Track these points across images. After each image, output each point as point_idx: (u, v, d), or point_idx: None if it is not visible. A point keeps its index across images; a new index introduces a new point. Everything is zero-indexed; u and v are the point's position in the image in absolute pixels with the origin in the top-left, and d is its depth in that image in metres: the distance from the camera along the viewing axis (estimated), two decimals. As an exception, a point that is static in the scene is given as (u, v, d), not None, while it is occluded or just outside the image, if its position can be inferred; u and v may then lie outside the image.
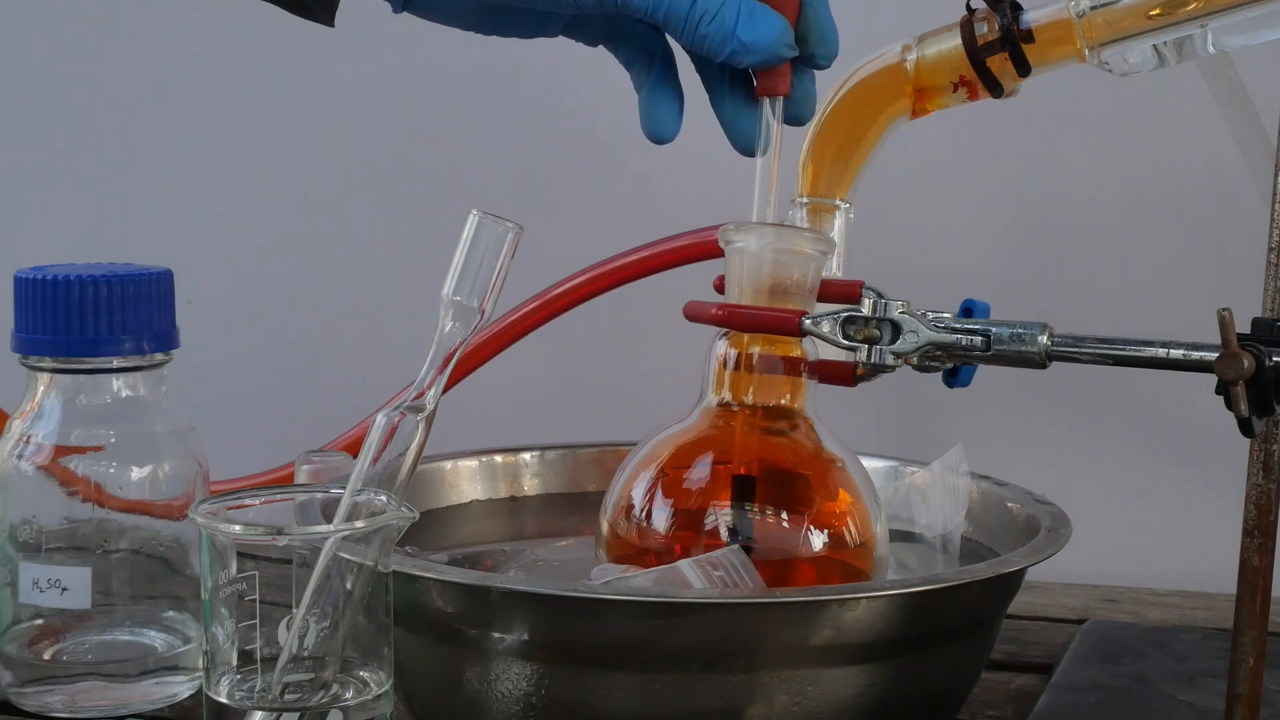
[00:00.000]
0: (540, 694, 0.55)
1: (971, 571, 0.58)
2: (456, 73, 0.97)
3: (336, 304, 1.00)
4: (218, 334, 0.97)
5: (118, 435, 0.67)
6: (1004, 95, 0.69)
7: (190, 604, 0.69)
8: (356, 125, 0.99)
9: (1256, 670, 0.55)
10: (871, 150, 0.71)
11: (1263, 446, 0.54)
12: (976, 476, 0.69)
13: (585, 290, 0.82)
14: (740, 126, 0.63)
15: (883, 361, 0.59)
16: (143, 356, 0.67)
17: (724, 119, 0.63)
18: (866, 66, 0.70)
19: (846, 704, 0.55)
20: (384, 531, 0.52)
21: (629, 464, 0.63)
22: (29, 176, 1.03)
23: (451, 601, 0.55)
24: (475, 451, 0.74)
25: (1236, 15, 0.63)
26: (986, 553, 0.67)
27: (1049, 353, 0.57)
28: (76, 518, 0.67)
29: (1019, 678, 0.71)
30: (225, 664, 0.52)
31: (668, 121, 0.63)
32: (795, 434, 0.63)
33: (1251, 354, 0.52)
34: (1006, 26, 0.67)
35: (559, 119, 0.96)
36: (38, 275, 0.66)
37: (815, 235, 0.64)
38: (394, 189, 0.99)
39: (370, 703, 0.52)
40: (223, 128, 1.01)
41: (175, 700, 0.67)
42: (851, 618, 0.54)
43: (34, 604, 0.66)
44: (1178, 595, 0.85)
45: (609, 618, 0.54)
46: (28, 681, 0.67)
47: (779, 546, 0.61)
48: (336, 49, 0.99)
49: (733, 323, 0.62)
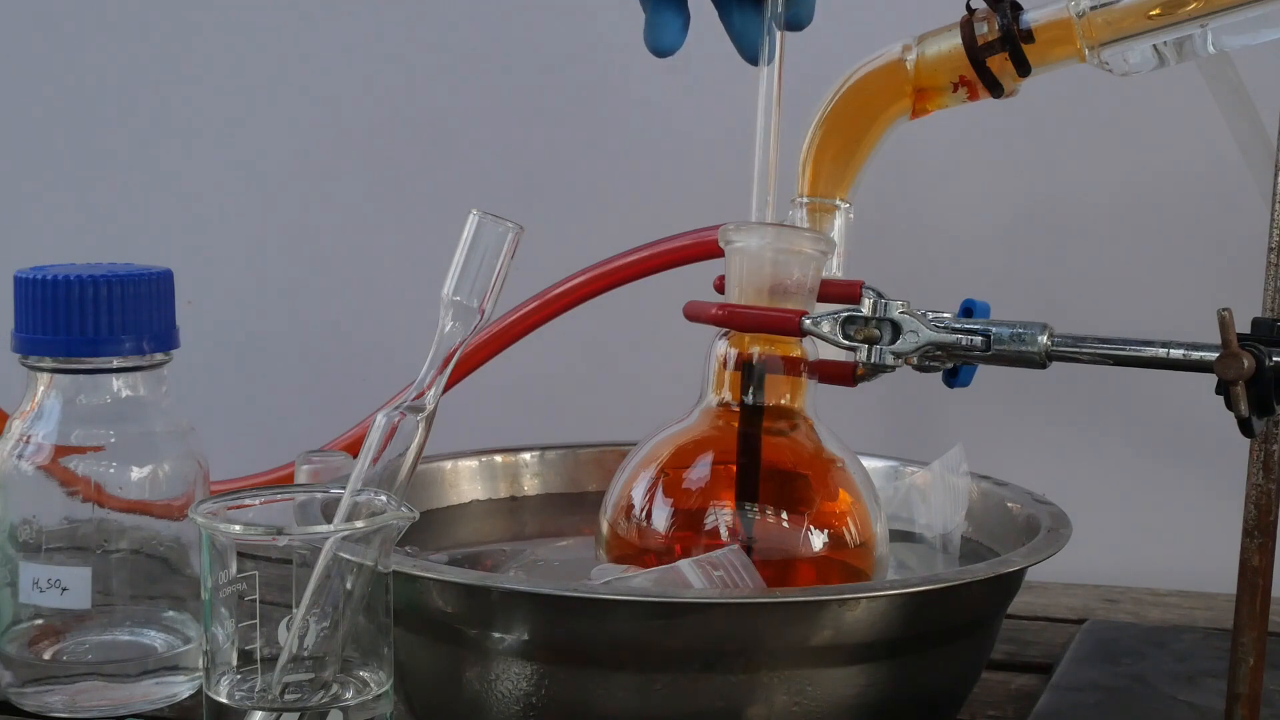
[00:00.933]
0: (540, 694, 0.55)
1: (971, 571, 0.58)
2: (457, 73, 0.97)
3: (336, 304, 1.00)
4: (218, 334, 0.97)
5: (118, 435, 0.67)
6: (1004, 95, 0.69)
7: (190, 604, 0.69)
8: (356, 125, 0.99)
9: (1256, 670, 0.55)
10: (871, 150, 0.71)
11: (1263, 446, 0.54)
12: (976, 476, 0.69)
13: (585, 290, 0.82)
14: (749, 37, 0.64)
15: (883, 361, 0.59)
16: (143, 356, 0.67)
17: (733, 31, 0.64)
18: (866, 66, 0.70)
19: (846, 704, 0.55)
20: (384, 531, 0.52)
21: (629, 464, 0.63)
22: (29, 176, 1.03)
23: (451, 601, 0.55)
24: (475, 451, 0.74)
25: (1236, 15, 0.63)
26: (986, 553, 0.67)
27: (1049, 353, 0.57)
28: (76, 518, 0.67)
29: (1019, 678, 0.71)
30: (225, 664, 0.52)
31: (671, 34, 0.64)
32: (795, 434, 0.63)
33: (1251, 354, 0.52)
34: (1006, 26, 0.67)
35: (559, 119, 0.96)
36: (38, 275, 0.66)
37: (815, 235, 0.64)
38: (394, 189, 0.99)
39: (370, 703, 0.52)
40: (223, 127, 1.01)
41: (175, 700, 0.67)
42: (851, 618, 0.54)
43: (34, 604, 0.66)
44: (1178, 595, 0.85)
45: (609, 618, 0.54)
46: (28, 681, 0.67)
47: (779, 546, 0.61)
48: (337, 49, 0.99)
49: (733, 323, 0.62)
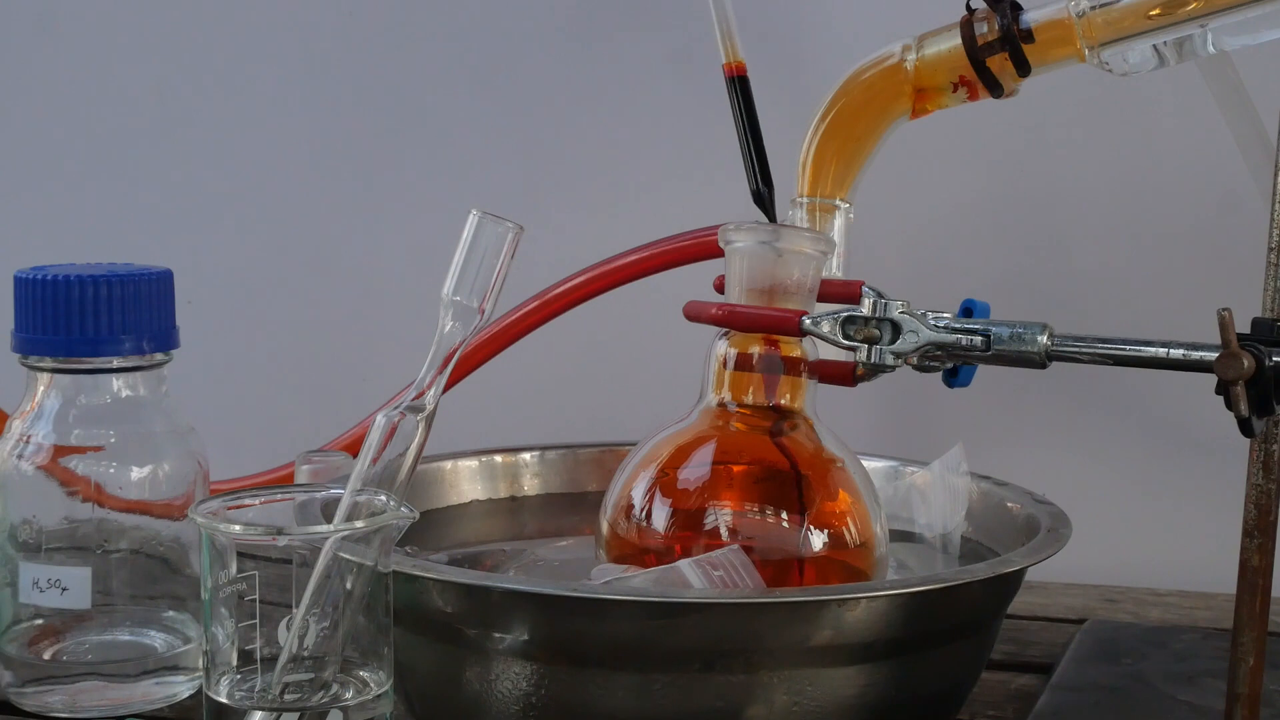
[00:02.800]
0: (540, 694, 0.55)
1: (971, 571, 0.58)
2: (457, 72, 0.97)
3: (337, 304, 1.00)
4: (218, 334, 0.97)
5: (118, 435, 0.67)
6: (1004, 95, 0.69)
7: (190, 604, 0.69)
8: (356, 125, 0.99)
9: (1256, 670, 0.55)
10: (871, 150, 0.71)
11: (1263, 446, 0.54)
12: (976, 476, 0.69)
13: (585, 290, 0.82)
14: None
15: (882, 361, 0.59)
16: (143, 356, 0.67)
17: None
18: (866, 66, 0.70)
19: (846, 704, 0.55)
20: (384, 531, 0.52)
21: (629, 464, 0.63)
22: (29, 176, 1.03)
23: (451, 601, 0.55)
24: (475, 451, 0.74)
25: (1236, 15, 0.63)
26: (986, 553, 0.67)
27: (1049, 353, 0.57)
28: (76, 518, 0.67)
29: (1019, 678, 0.71)
30: (225, 664, 0.52)
31: None
32: (795, 434, 0.63)
33: (1251, 354, 0.52)
34: (1006, 26, 0.67)
35: (559, 119, 0.96)
36: (38, 275, 0.66)
37: (815, 235, 0.64)
38: (394, 189, 0.99)
39: (370, 703, 0.52)
40: (223, 127, 1.01)
41: (175, 700, 0.67)
42: (851, 618, 0.54)
43: (34, 604, 0.66)
44: (1178, 595, 0.85)
45: (609, 618, 0.54)
46: (28, 681, 0.67)
47: (779, 546, 0.61)
48: (337, 49, 0.99)
49: (732, 323, 0.62)
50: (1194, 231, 0.89)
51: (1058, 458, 0.90)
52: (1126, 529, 0.90)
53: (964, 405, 0.80)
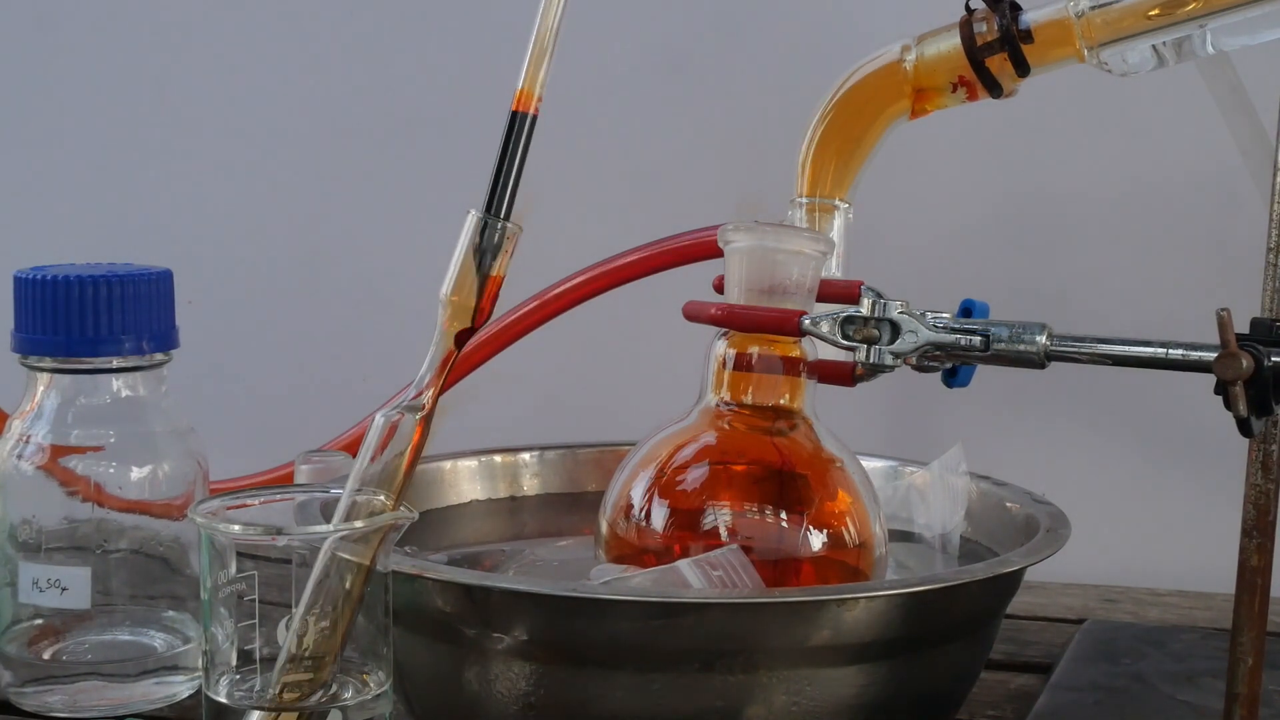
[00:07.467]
0: (539, 694, 0.55)
1: (971, 571, 0.58)
2: (456, 72, 0.97)
3: (337, 304, 1.00)
4: (218, 334, 0.97)
5: (117, 435, 0.67)
6: (1003, 95, 0.69)
7: (190, 604, 0.69)
8: (356, 125, 0.99)
9: (1255, 670, 0.55)
10: (871, 150, 0.71)
11: (1262, 446, 0.54)
12: (976, 476, 0.69)
13: (585, 290, 0.82)
14: None
15: (882, 361, 0.59)
16: (143, 356, 0.67)
17: None
18: (866, 67, 0.70)
19: (845, 704, 0.55)
20: (383, 531, 0.52)
21: (628, 464, 0.63)
22: (29, 176, 1.03)
23: (451, 601, 0.55)
24: (475, 451, 0.74)
25: (1236, 15, 0.63)
26: (986, 553, 0.67)
27: (1048, 353, 0.57)
28: (76, 518, 0.67)
29: (1018, 678, 0.71)
30: (225, 664, 0.52)
31: None
32: (795, 434, 0.63)
33: (1250, 354, 0.52)
34: (1006, 26, 0.67)
35: (558, 119, 0.96)
36: (38, 275, 0.66)
37: (815, 235, 0.64)
38: (394, 189, 0.99)
39: (370, 703, 0.52)
40: (223, 127, 1.01)
41: (175, 700, 0.67)
42: (850, 618, 0.54)
43: (34, 604, 0.66)
44: (1177, 595, 0.85)
45: (608, 618, 0.54)
46: (28, 681, 0.67)
47: (778, 546, 0.61)
48: (337, 49, 0.99)
49: (732, 323, 0.62)
50: (1194, 231, 0.89)
51: (1057, 458, 0.91)
52: (1126, 529, 0.90)
53: (963, 405, 0.80)
